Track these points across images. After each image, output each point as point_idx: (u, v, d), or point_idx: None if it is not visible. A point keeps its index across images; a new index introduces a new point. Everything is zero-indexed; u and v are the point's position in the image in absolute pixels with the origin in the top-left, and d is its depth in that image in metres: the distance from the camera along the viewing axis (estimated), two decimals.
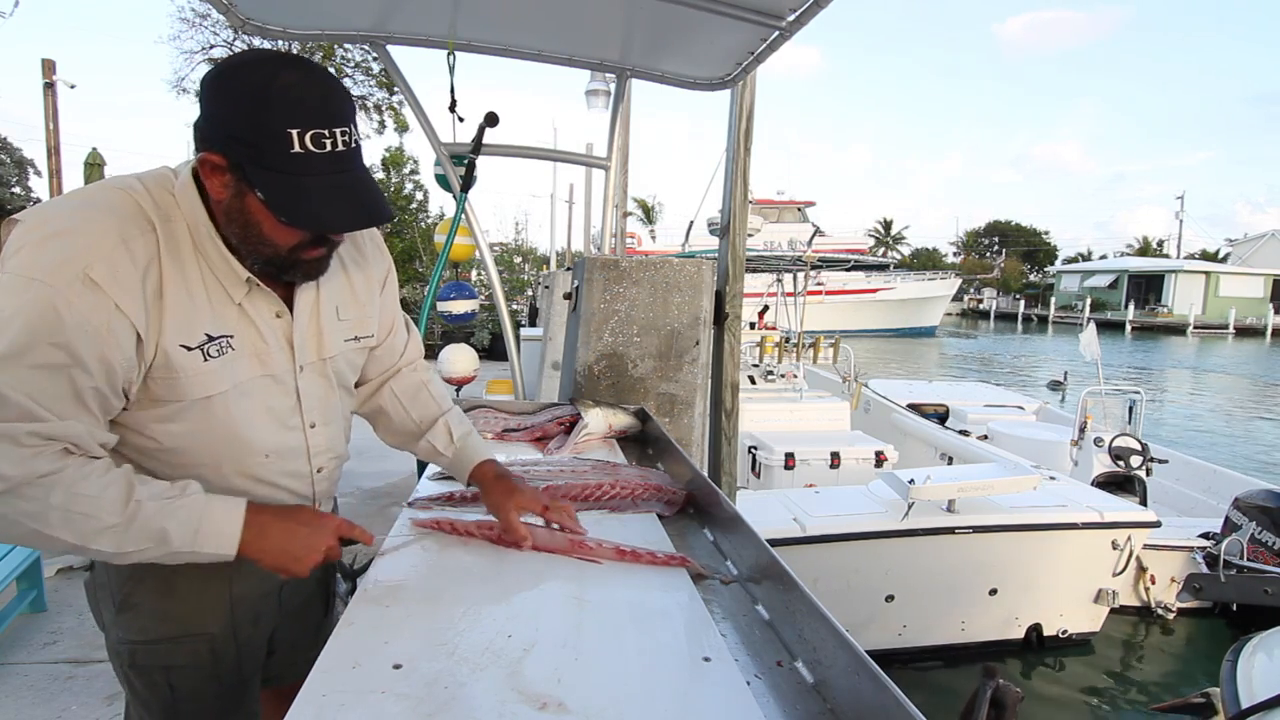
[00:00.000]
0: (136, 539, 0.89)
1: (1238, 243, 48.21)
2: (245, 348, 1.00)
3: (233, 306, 0.99)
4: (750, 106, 2.73)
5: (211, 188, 0.93)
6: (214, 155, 0.90)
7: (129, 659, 1.09)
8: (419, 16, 2.30)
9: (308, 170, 0.89)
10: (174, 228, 0.93)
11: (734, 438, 2.87)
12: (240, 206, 0.92)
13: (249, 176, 0.89)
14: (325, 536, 1.01)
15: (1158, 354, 26.26)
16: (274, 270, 0.99)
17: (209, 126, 0.90)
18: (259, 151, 0.88)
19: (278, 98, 0.87)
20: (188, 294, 0.94)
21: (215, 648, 1.10)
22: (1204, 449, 10.22)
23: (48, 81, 9.50)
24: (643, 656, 0.86)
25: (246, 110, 0.87)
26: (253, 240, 0.95)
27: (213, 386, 0.97)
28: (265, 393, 1.04)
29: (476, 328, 13.51)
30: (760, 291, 9.17)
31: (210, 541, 0.93)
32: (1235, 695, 2.46)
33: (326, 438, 1.15)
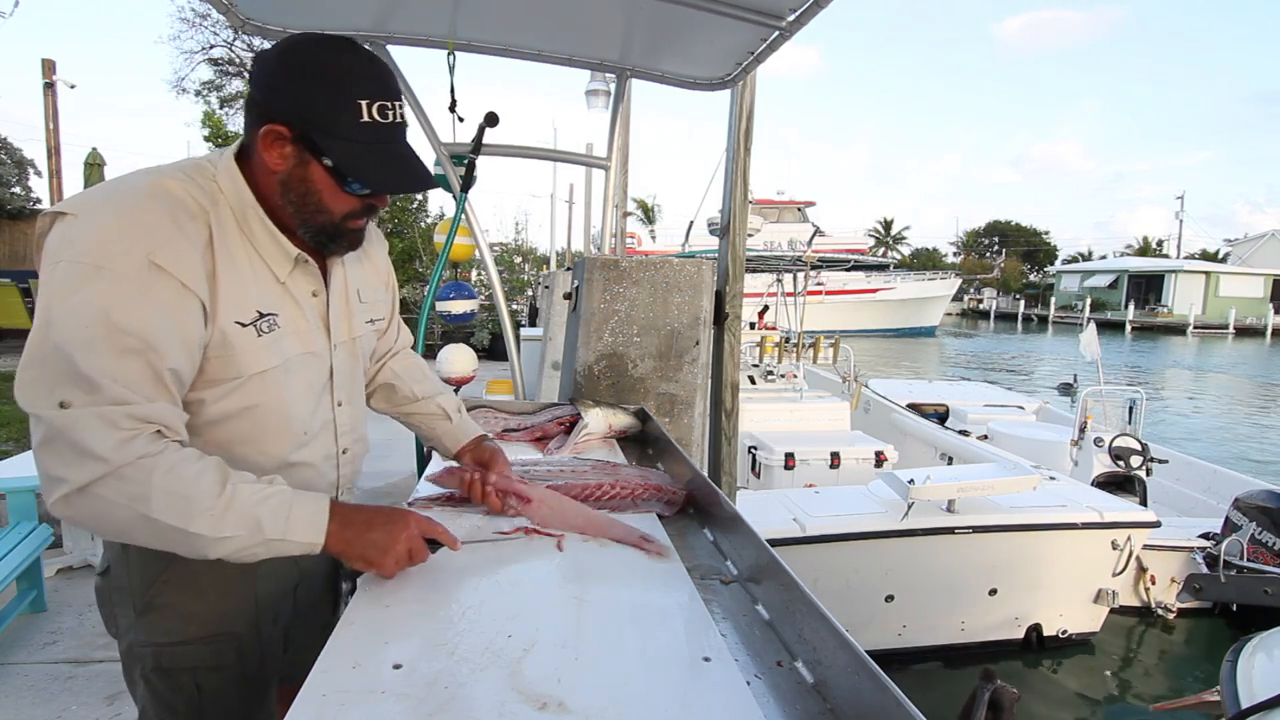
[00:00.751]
0: (233, 524, 0.89)
1: (1238, 243, 48.23)
2: (289, 325, 1.04)
3: (277, 285, 1.03)
4: (750, 106, 2.73)
5: (270, 159, 0.97)
6: (278, 126, 0.95)
7: (153, 662, 1.07)
8: (419, 16, 2.30)
9: (374, 138, 0.97)
10: (220, 211, 0.97)
11: (734, 438, 2.87)
12: (303, 175, 0.98)
13: (318, 145, 0.95)
14: (405, 529, 1.00)
15: (1158, 354, 26.26)
16: (323, 240, 1.05)
17: (271, 100, 0.95)
18: (331, 121, 0.94)
19: (347, 72, 0.95)
20: (238, 273, 0.97)
21: (241, 647, 1.10)
22: (1204, 449, 10.22)
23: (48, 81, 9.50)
24: (643, 656, 0.86)
25: (319, 83, 0.94)
26: (310, 209, 1.00)
27: (265, 362, 1.00)
28: (306, 370, 1.08)
29: (476, 328, 13.51)
30: (760, 291, 9.17)
31: (301, 530, 0.93)
32: (1235, 695, 2.46)
33: (351, 417, 1.20)
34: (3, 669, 2.81)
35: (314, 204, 1.00)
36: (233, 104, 16.96)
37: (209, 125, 13.22)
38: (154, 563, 1.03)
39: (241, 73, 18.74)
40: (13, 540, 3.03)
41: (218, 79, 18.70)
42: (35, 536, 3.12)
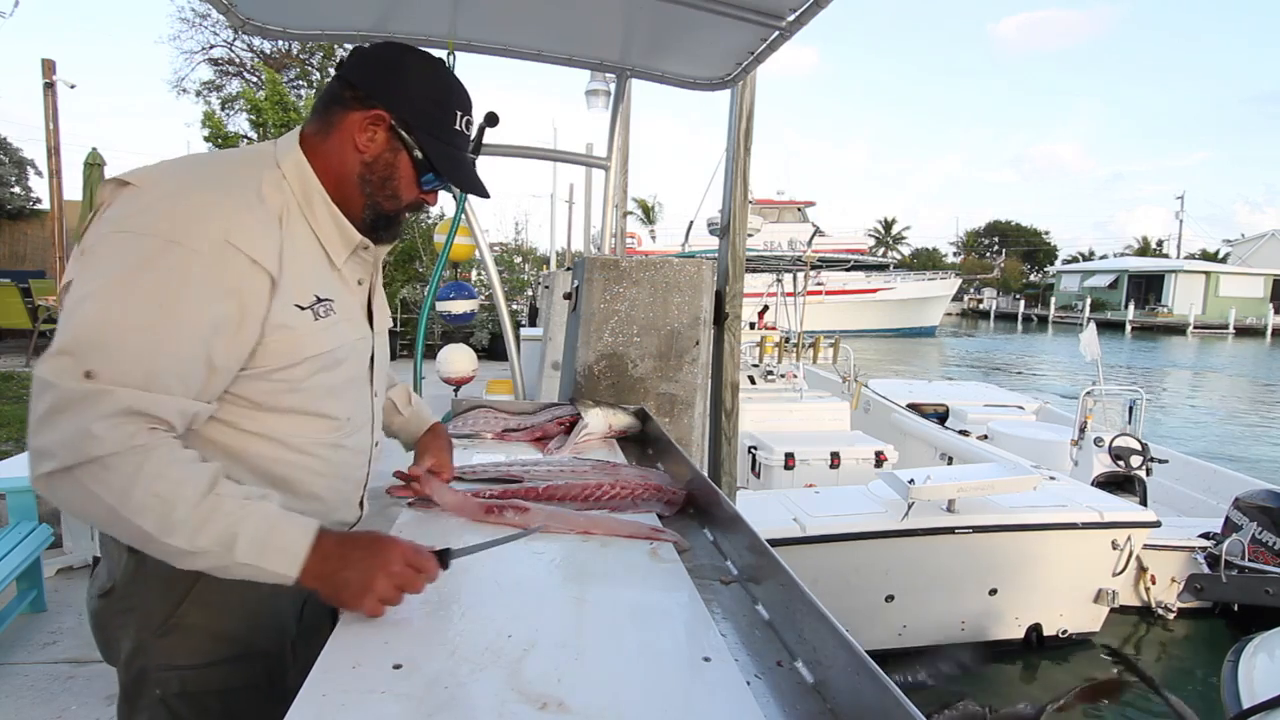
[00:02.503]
0: (208, 537, 0.85)
1: (1237, 243, 48.22)
2: (343, 311, 1.06)
3: (333, 271, 1.06)
4: (750, 106, 2.72)
5: (361, 141, 1.03)
6: (381, 111, 1.02)
7: (178, 687, 1.00)
8: (419, 16, 2.30)
9: (458, 144, 1.09)
10: (284, 196, 0.99)
11: (734, 438, 2.87)
12: (390, 161, 1.06)
13: (416, 139, 1.05)
14: (384, 565, 0.90)
15: (1158, 354, 26.25)
16: (381, 225, 1.10)
17: (379, 89, 1.03)
18: (435, 122, 1.06)
19: (453, 87, 1.08)
20: (302, 258, 0.99)
21: (270, 666, 1.05)
22: (1203, 449, 10.21)
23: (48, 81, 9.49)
24: (643, 656, 0.86)
25: (433, 89, 1.06)
26: (386, 193, 1.07)
27: (322, 345, 1.01)
28: (355, 356, 1.10)
29: (476, 328, 13.50)
30: (760, 291, 9.17)
31: (275, 558, 0.87)
32: (1237, 695, 2.46)
33: (379, 409, 1.22)
34: (3, 669, 2.81)
35: (391, 189, 1.07)
36: (232, 104, 16.96)
37: (209, 125, 13.21)
38: (179, 579, 0.96)
39: (241, 73, 18.75)
40: (13, 540, 3.03)
41: (218, 79, 18.70)
42: (35, 536, 3.12)
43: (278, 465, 1.02)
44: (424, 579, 0.92)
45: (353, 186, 1.05)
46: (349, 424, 1.10)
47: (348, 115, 1.03)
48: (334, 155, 1.04)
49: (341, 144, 1.04)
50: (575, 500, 1.40)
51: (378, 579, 0.89)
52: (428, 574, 0.93)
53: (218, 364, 0.90)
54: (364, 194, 1.06)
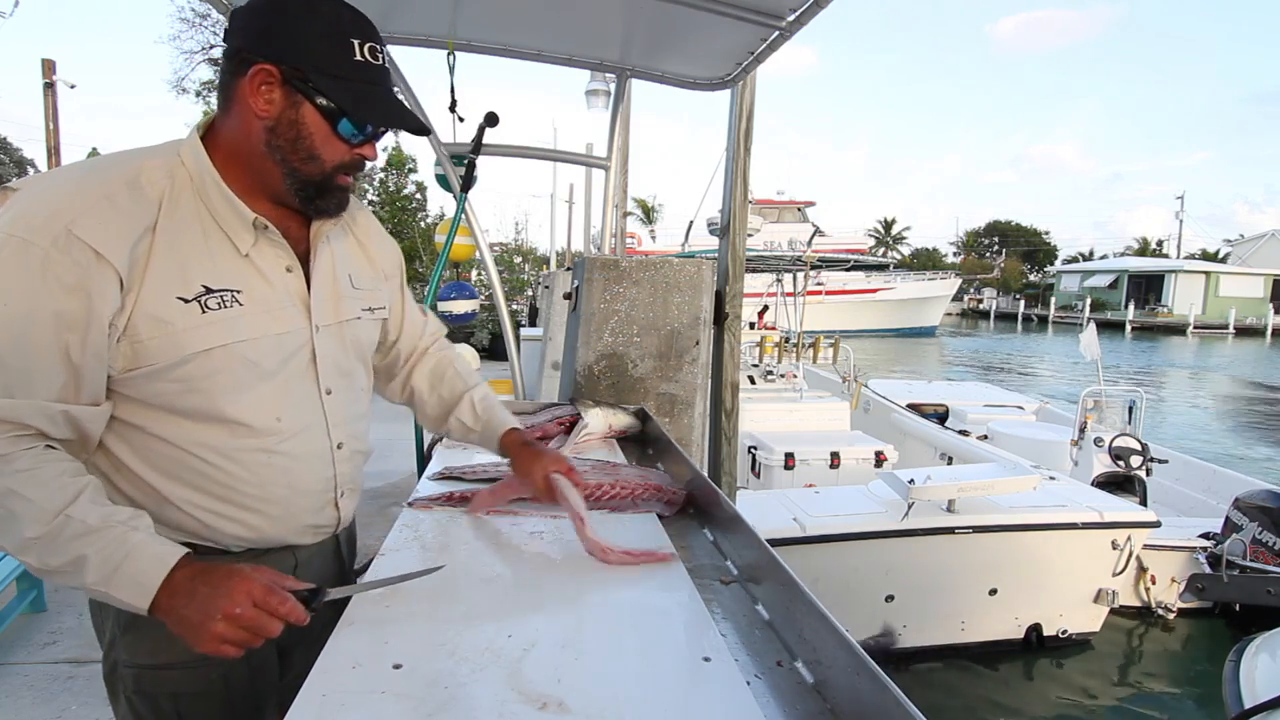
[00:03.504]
0: (58, 558, 0.82)
1: (1237, 243, 48.22)
2: (255, 303, 0.97)
3: (239, 259, 0.97)
4: (750, 106, 2.72)
5: (258, 104, 0.93)
6: (267, 65, 0.91)
7: (133, 684, 1.01)
8: (419, 16, 2.30)
9: (367, 78, 0.96)
10: (176, 186, 0.93)
11: (734, 438, 2.87)
12: (293, 118, 0.94)
13: (313, 84, 0.93)
14: (227, 604, 0.82)
15: (1158, 354, 26.26)
16: (311, 195, 1.00)
17: (260, 42, 0.92)
18: (325, 60, 0.93)
19: (338, 13, 0.94)
20: (185, 247, 0.92)
21: (228, 673, 1.02)
22: (1203, 448, 10.21)
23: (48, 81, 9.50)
24: (643, 656, 0.86)
25: (312, 22, 0.92)
26: (300, 155, 0.96)
27: (212, 339, 0.92)
28: (276, 351, 0.99)
29: (476, 328, 13.51)
30: (760, 291, 9.17)
31: (124, 587, 0.83)
32: (1238, 695, 2.46)
33: (343, 409, 1.10)
34: (3, 669, 2.81)
35: (305, 149, 0.96)
36: None
37: None
38: None
39: None
40: None
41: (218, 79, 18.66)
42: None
43: (197, 475, 0.97)
44: (275, 622, 0.85)
45: (262, 157, 0.96)
46: (279, 427, 1.00)
47: (238, 83, 0.93)
48: (238, 130, 0.96)
49: (243, 115, 0.95)
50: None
51: (215, 621, 0.82)
52: (283, 616, 0.85)
53: (76, 361, 0.85)
54: (277, 162, 0.96)
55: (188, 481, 0.97)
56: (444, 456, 1.73)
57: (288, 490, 1.04)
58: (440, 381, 1.36)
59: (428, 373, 1.36)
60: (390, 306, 1.27)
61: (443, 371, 1.37)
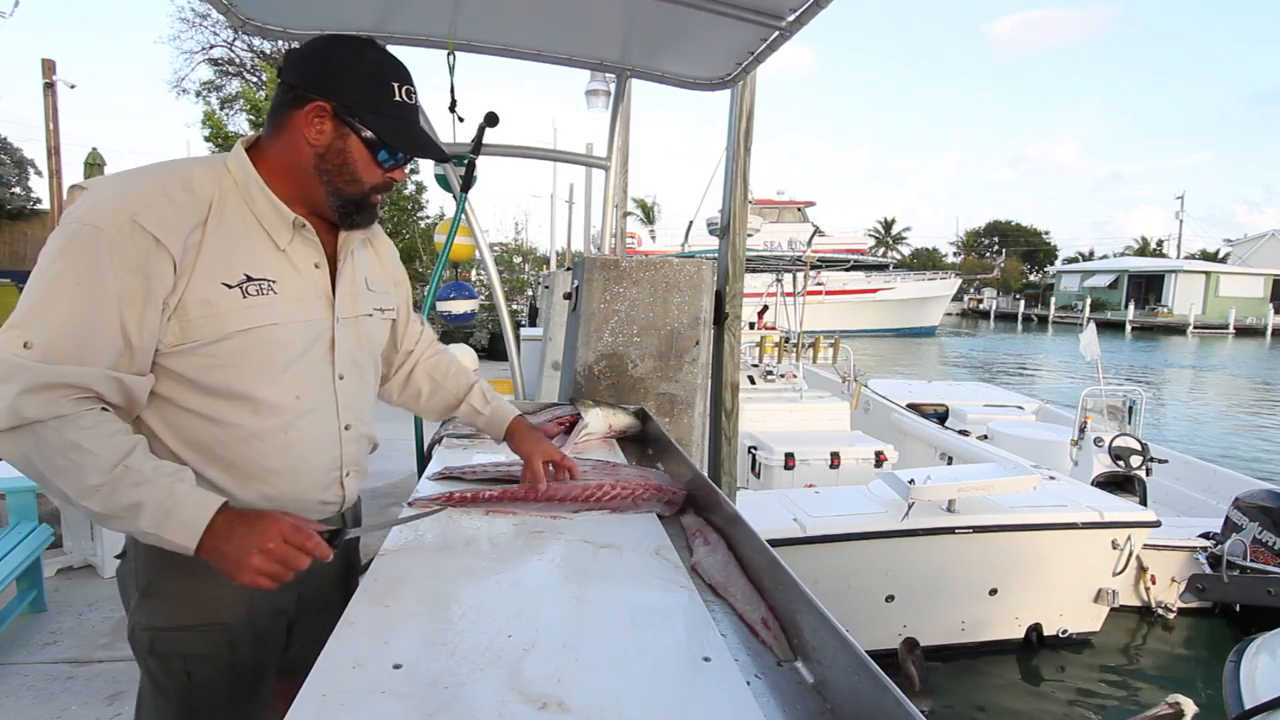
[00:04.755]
0: (117, 504, 0.93)
1: (1237, 243, 48.19)
2: (288, 292, 1.10)
3: (277, 253, 1.10)
4: (750, 106, 2.72)
5: (311, 134, 1.09)
6: (323, 103, 1.08)
7: (149, 645, 1.12)
8: (419, 16, 2.30)
9: (404, 115, 1.13)
10: (224, 188, 1.07)
11: (734, 438, 2.87)
12: (341, 147, 1.10)
13: (361, 120, 1.09)
14: (261, 539, 0.96)
15: (1158, 354, 26.26)
16: (349, 211, 1.16)
17: (316, 82, 1.08)
18: (372, 99, 1.10)
19: (382, 61, 1.12)
20: (231, 241, 1.05)
21: (233, 638, 1.13)
22: (1203, 448, 10.21)
23: (48, 81, 9.50)
24: (643, 656, 0.86)
25: (361, 68, 1.10)
26: (345, 178, 1.12)
27: (250, 321, 1.05)
28: (302, 336, 1.12)
29: (476, 328, 13.51)
30: (760, 291, 9.16)
31: (175, 529, 0.95)
32: (1239, 695, 2.46)
33: (352, 394, 1.22)
34: (3, 669, 2.81)
35: (349, 174, 1.12)
36: (232, 104, 16.97)
37: (209, 125, 13.22)
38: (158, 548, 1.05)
39: (241, 73, 18.76)
40: (13, 540, 3.03)
41: (218, 79, 18.70)
42: (35, 536, 3.12)
43: (218, 445, 1.07)
44: (303, 556, 0.98)
45: (310, 178, 1.11)
46: (298, 405, 1.12)
47: (293, 114, 1.09)
48: (287, 153, 1.10)
49: (293, 141, 1.10)
50: (575, 500, 1.40)
51: (252, 555, 0.95)
52: (310, 550, 0.98)
53: (132, 336, 0.97)
54: (324, 183, 1.12)
55: (209, 451, 1.07)
56: (444, 456, 1.73)
57: (299, 464, 1.14)
58: (445, 377, 1.52)
59: (429, 370, 1.51)
60: (398, 311, 1.41)
61: (446, 368, 1.53)
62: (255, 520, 0.98)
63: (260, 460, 1.10)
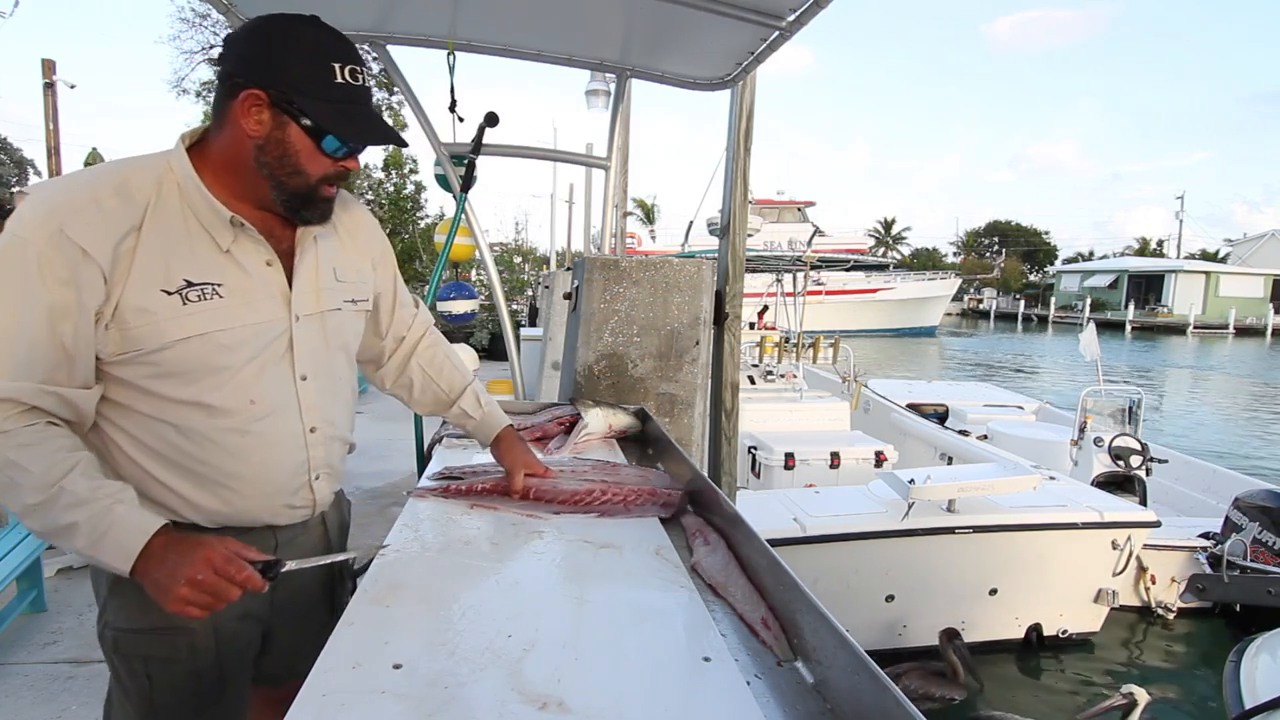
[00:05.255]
0: (54, 524, 0.93)
1: (1237, 243, 48.18)
2: (234, 294, 1.05)
3: (220, 254, 1.05)
4: (750, 106, 2.72)
5: (248, 125, 1.01)
6: (256, 90, 1.00)
7: (113, 645, 1.11)
8: (419, 16, 2.30)
9: (349, 98, 1.04)
10: (164, 190, 1.02)
11: (734, 438, 2.87)
12: (280, 138, 1.03)
13: (298, 106, 1.01)
14: (190, 569, 0.92)
15: (1158, 354, 26.25)
16: (297, 206, 1.08)
17: (249, 69, 1.01)
18: (308, 84, 1.01)
19: (320, 40, 1.03)
20: (169, 245, 1.00)
21: (194, 642, 1.11)
22: (1203, 448, 10.21)
23: (48, 81, 9.51)
24: (643, 656, 0.86)
25: (296, 50, 1.01)
26: (287, 170, 1.04)
27: (191, 329, 1.01)
28: (253, 339, 1.07)
29: (476, 328, 13.51)
30: (760, 291, 9.16)
31: (109, 551, 0.93)
32: (1239, 695, 2.46)
33: (318, 394, 1.16)
34: (3, 669, 2.81)
35: (291, 165, 1.04)
36: None
37: None
38: None
39: None
40: (13, 540, 3.03)
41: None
42: (35, 537, 3.12)
43: (175, 452, 1.05)
44: (233, 588, 0.95)
45: (252, 172, 1.05)
46: (252, 409, 1.08)
47: (230, 105, 1.02)
48: (230, 145, 1.04)
49: (234, 134, 1.03)
50: (566, 504, 1.38)
51: (180, 584, 0.92)
52: (241, 582, 0.95)
53: (68, 347, 0.95)
54: (265, 176, 1.05)
55: (167, 458, 1.06)
56: (444, 456, 1.73)
57: (260, 469, 1.11)
58: (439, 374, 1.46)
59: (424, 365, 1.45)
60: (381, 294, 1.34)
61: (440, 365, 1.47)
62: (189, 548, 0.95)
63: (220, 464, 1.07)
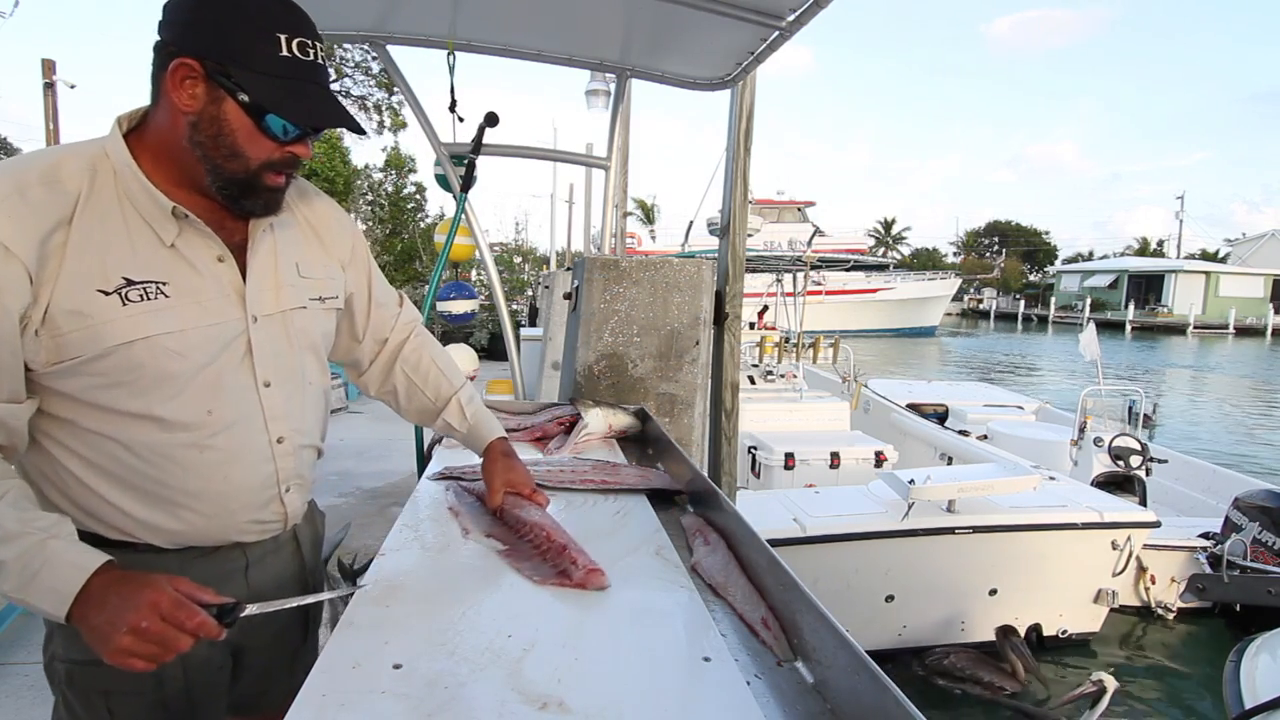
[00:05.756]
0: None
1: (1237, 243, 48.20)
2: (183, 294, 0.94)
3: (164, 250, 0.94)
4: (750, 106, 2.72)
5: (180, 99, 0.90)
6: (189, 60, 0.88)
7: (65, 679, 1.01)
8: (419, 16, 2.30)
9: (295, 74, 0.92)
10: (99, 179, 0.92)
11: (734, 438, 2.87)
12: (215, 114, 0.91)
13: (235, 80, 0.89)
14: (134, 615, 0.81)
15: (1158, 354, 26.26)
16: (235, 194, 0.97)
17: (183, 35, 0.90)
18: (248, 54, 0.89)
19: (264, 6, 0.91)
20: (105, 240, 0.90)
21: (162, 674, 0.95)
22: (1203, 448, 10.21)
23: (48, 81, 9.51)
24: (643, 656, 0.86)
25: (235, 15, 0.89)
26: (222, 152, 0.92)
27: (134, 331, 0.90)
28: (206, 343, 0.97)
29: (476, 328, 13.51)
30: (760, 291, 9.17)
31: (41, 594, 0.83)
32: (1239, 695, 2.46)
33: (284, 401, 1.06)
34: (3, 669, 2.81)
35: (227, 147, 0.92)
36: None
37: None
38: None
39: None
40: None
41: None
42: None
43: (128, 471, 0.96)
44: (184, 636, 0.83)
45: (186, 152, 0.93)
46: (210, 420, 0.98)
47: (163, 76, 0.90)
48: (165, 124, 0.93)
49: (168, 109, 0.92)
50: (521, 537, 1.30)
51: (121, 633, 0.81)
52: (193, 630, 0.84)
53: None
54: (200, 158, 0.93)
55: (119, 477, 0.96)
56: (444, 457, 1.73)
57: (223, 485, 1.01)
58: (425, 381, 1.33)
59: (408, 371, 1.33)
60: (355, 294, 1.23)
61: (426, 371, 1.34)
62: (133, 590, 0.83)
63: (177, 484, 0.98)
